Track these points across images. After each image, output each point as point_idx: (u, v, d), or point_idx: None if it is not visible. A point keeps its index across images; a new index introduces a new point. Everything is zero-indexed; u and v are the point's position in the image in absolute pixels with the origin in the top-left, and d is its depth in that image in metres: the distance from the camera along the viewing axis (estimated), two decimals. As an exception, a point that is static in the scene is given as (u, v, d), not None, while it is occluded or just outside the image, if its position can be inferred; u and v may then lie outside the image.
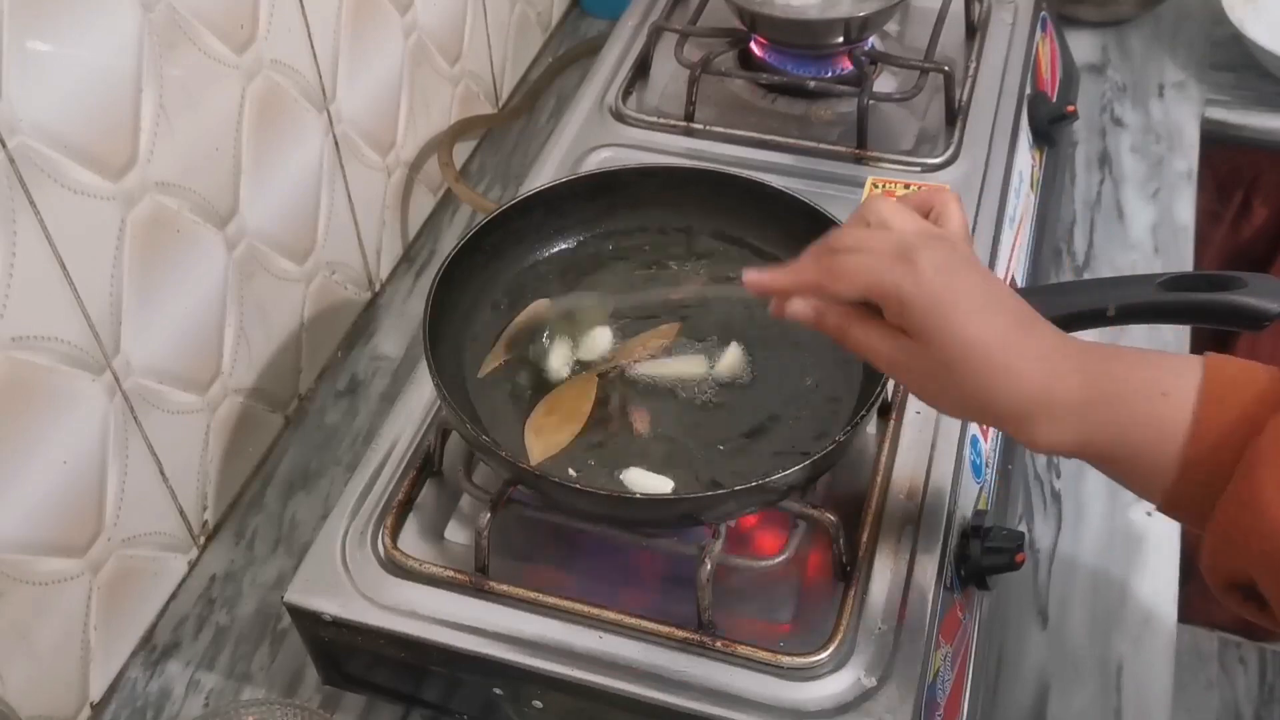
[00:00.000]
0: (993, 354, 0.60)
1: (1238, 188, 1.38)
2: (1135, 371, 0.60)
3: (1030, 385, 0.60)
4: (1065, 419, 0.60)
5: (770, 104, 1.09)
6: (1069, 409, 0.60)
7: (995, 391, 0.60)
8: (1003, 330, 0.61)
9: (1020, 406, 0.60)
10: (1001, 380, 0.60)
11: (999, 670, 0.84)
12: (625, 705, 0.70)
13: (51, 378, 0.73)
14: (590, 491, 0.70)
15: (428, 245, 1.17)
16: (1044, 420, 0.60)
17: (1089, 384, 0.60)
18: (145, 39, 0.75)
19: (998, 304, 0.62)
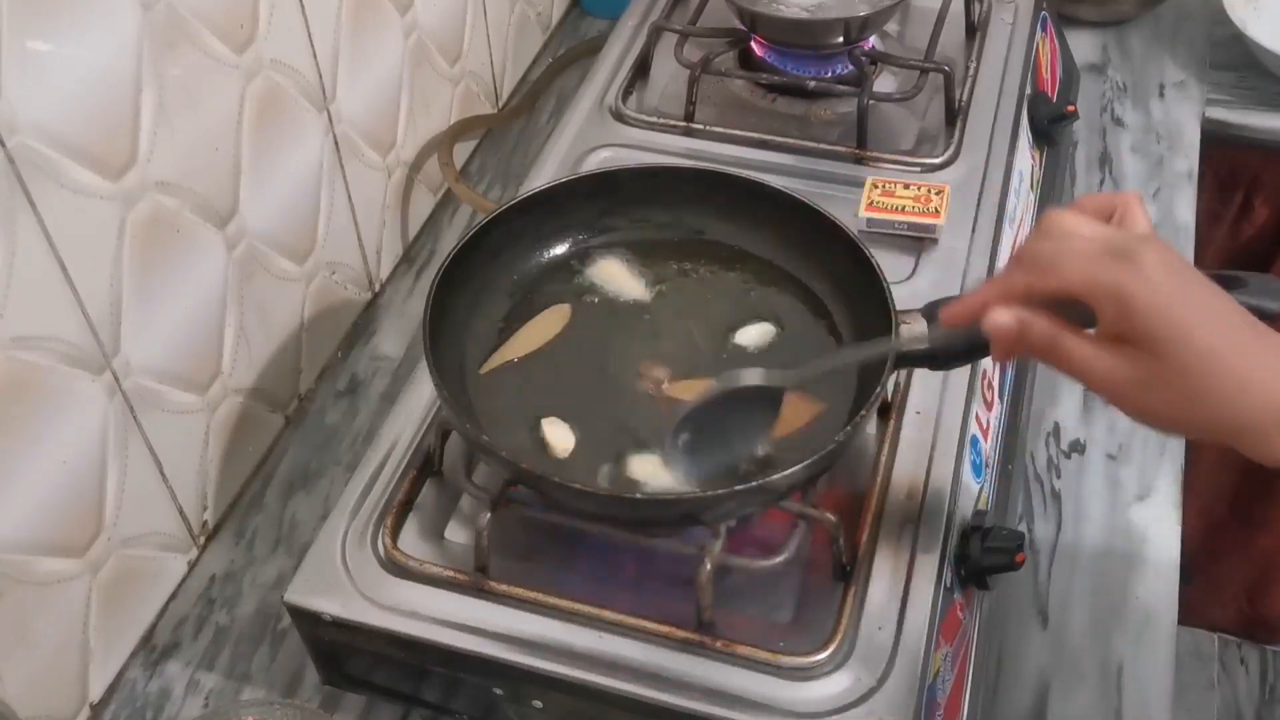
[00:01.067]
0: (1233, 363, 0.56)
1: (1238, 187, 1.38)
2: None
3: (1271, 394, 0.56)
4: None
5: (770, 104, 1.09)
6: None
7: (1234, 404, 0.56)
8: (1238, 336, 0.57)
9: (1263, 419, 0.56)
10: (1241, 390, 0.56)
11: (999, 670, 0.84)
12: (625, 705, 0.70)
13: (51, 378, 0.73)
14: (590, 491, 0.70)
15: (428, 245, 1.17)
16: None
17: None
18: (145, 39, 0.75)
19: (1231, 311, 0.57)
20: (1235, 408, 0.56)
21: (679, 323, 0.85)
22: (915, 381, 0.84)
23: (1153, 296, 0.55)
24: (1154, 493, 0.94)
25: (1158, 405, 0.58)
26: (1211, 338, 0.56)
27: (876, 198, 0.94)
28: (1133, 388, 0.58)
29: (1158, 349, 0.56)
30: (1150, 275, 0.56)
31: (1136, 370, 0.57)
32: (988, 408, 0.87)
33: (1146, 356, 0.56)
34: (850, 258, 0.81)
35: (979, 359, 0.83)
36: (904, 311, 0.75)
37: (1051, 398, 1.00)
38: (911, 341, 0.75)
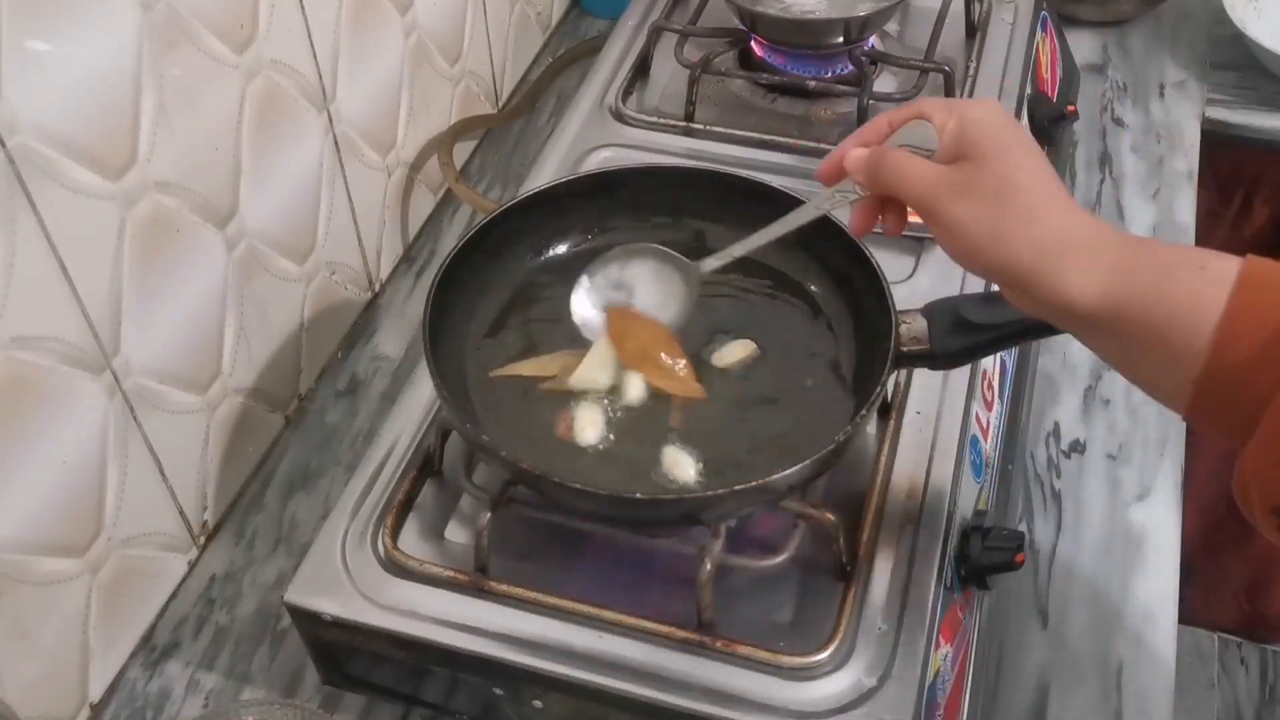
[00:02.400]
0: (1047, 189, 0.61)
1: (1238, 188, 1.38)
2: (1176, 247, 0.61)
3: (1073, 223, 0.60)
4: (1102, 265, 0.58)
5: (770, 104, 1.09)
6: (1107, 255, 0.59)
7: (1037, 223, 0.60)
8: (1057, 182, 0.62)
9: (1059, 242, 0.59)
10: (1047, 212, 0.60)
11: (999, 670, 0.84)
12: (625, 705, 0.70)
13: (51, 378, 0.73)
14: (590, 491, 0.70)
15: (428, 245, 1.17)
16: (1080, 261, 0.59)
17: (1129, 241, 0.60)
18: (145, 39, 0.75)
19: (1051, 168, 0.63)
20: (1043, 228, 0.60)
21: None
22: (915, 381, 0.84)
23: (987, 115, 0.63)
24: (1154, 493, 0.94)
25: (965, 213, 0.62)
26: (1029, 161, 0.62)
27: (876, 198, 0.94)
28: (950, 191, 0.62)
29: (980, 158, 0.62)
30: (989, 107, 0.64)
31: (958, 176, 0.62)
32: (988, 408, 0.87)
33: (970, 165, 0.62)
34: (850, 258, 0.81)
35: (979, 359, 0.83)
36: (904, 311, 0.76)
37: (1051, 398, 1.00)
38: (911, 341, 0.75)
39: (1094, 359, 1.03)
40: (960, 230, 0.62)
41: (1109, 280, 0.58)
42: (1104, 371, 1.02)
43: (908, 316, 0.75)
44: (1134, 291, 0.58)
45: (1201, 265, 0.57)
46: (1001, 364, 0.91)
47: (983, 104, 0.64)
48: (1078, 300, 0.59)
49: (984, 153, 0.62)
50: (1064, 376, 1.02)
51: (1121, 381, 1.00)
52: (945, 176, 0.63)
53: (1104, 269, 0.59)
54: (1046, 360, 1.03)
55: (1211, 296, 0.56)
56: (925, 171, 0.64)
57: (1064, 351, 1.03)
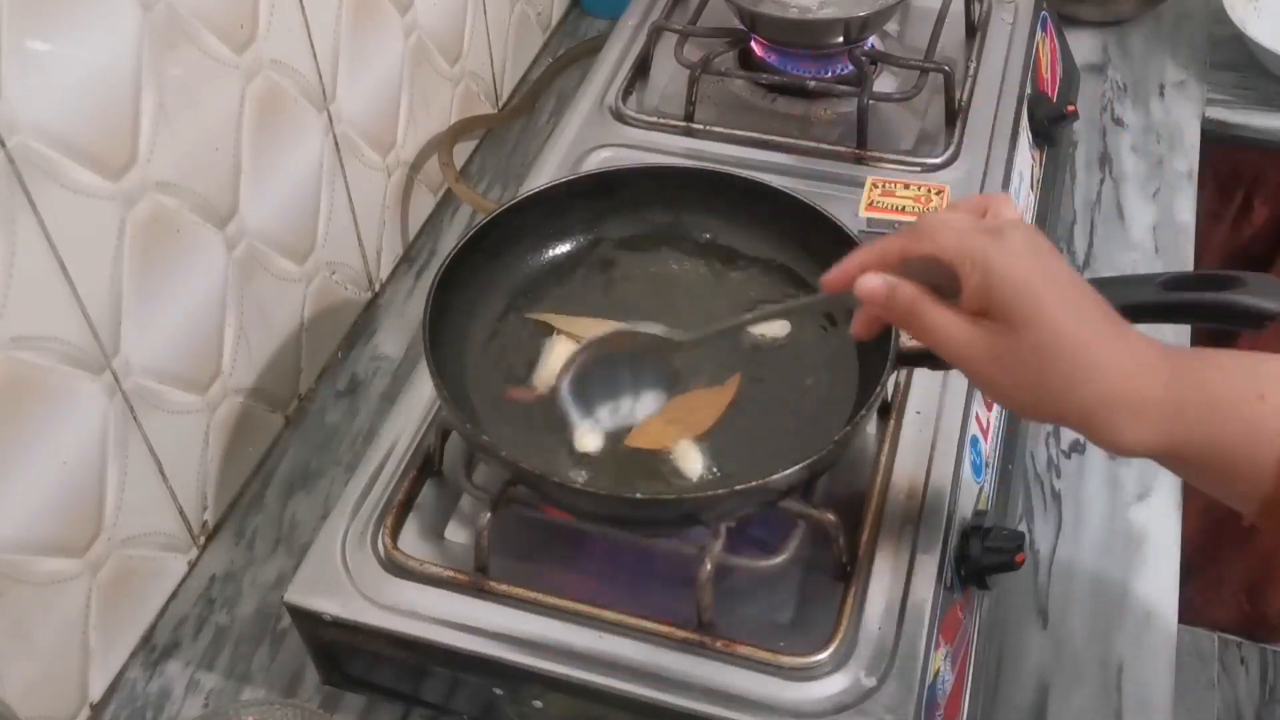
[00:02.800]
0: (1084, 344, 0.57)
1: (1238, 188, 1.38)
2: (1230, 375, 0.58)
3: (1119, 380, 0.58)
4: (1154, 417, 0.57)
5: (770, 104, 1.09)
6: (1159, 406, 0.57)
7: (1082, 385, 0.58)
8: (1093, 322, 0.58)
9: (1107, 402, 0.58)
10: (1090, 373, 0.57)
11: (999, 670, 0.84)
12: (625, 705, 0.70)
13: (51, 378, 0.73)
14: (590, 492, 0.70)
15: (428, 245, 1.17)
16: (1132, 417, 0.58)
17: (1181, 382, 0.58)
18: (145, 39, 0.75)
19: (1089, 296, 0.59)
20: (1089, 388, 0.58)
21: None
22: (915, 381, 0.84)
23: (1014, 269, 0.58)
24: (1154, 493, 0.94)
25: (1008, 381, 0.59)
26: (1066, 319, 0.58)
27: (877, 198, 0.94)
28: (986, 359, 0.59)
29: (1014, 322, 0.58)
30: (1015, 249, 0.58)
31: (991, 342, 0.59)
32: (988, 408, 0.87)
33: (1003, 329, 0.58)
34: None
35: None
36: (904, 311, 0.75)
37: (1051, 398, 1.00)
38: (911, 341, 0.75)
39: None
40: (1002, 392, 0.61)
41: (1162, 430, 0.58)
42: (1104, 371, 1.02)
43: (908, 317, 0.75)
44: (1190, 436, 0.57)
45: (1260, 395, 0.56)
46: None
47: (1008, 247, 0.59)
48: (1135, 451, 0.59)
49: (1019, 317, 0.58)
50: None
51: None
52: (979, 340, 0.59)
53: (1155, 421, 0.58)
54: (1046, 360, 1.03)
55: (1271, 427, 0.55)
56: (956, 331, 0.60)
57: (1064, 351, 1.03)
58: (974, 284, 0.59)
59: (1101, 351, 0.58)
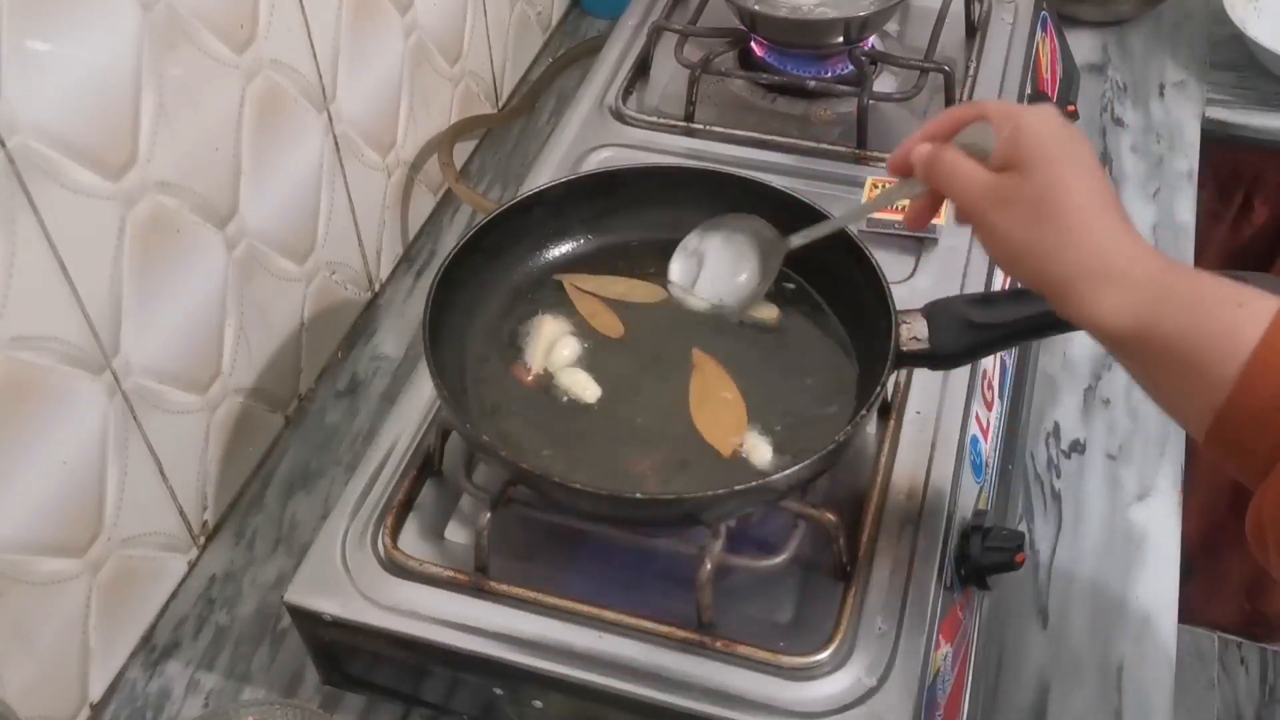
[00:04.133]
0: (1085, 208, 0.60)
1: (1238, 187, 1.38)
2: (1218, 282, 0.59)
3: (1111, 247, 0.60)
4: (1135, 291, 0.59)
5: (770, 104, 1.09)
6: (1142, 282, 0.59)
7: (1077, 243, 0.60)
8: (1100, 197, 0.61)
9: (1094, 265, 0.59)
10: (1087, 233, 0.60)
11: (999, 670, 0.84)
12: (625, 705, 0.70)
13: (51, 378, 0.73)
14: (590, 491, 0.70)
15: (428, 245, 1.17)
16: (1113, 286, 0.59)
17: (1170, 273, 0.59)
18: (145, 39, 0.75)
19: (1103, 181, 0.63)
20: (1083, 247, 0.60)
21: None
22: (915, 381, 0.84)
23: (1043, 127, 0.62)
24: (1154, 493, 0.94)
25: (1005, 224, 0.62)
26: (1074, 181, 0.61)
27: (877, 197, 0.94)
28: (994, 201, 0.63)
29: (1028, 169, 0.61)
30: (1048, 116, 0.63)
31: (1003, 186, 0.62)
32: (988, 408, 0.87)
33: (1017, 176, 0.62)
34: (850, 258, 0.81)
35: (979, 359, 0.83)
36: (904, 311, 0.76)
37: (1051, 398, 1.00)
38: (911, 341, 0.75)
39: (1094, 359, 1.03)
40: (999, 240, 0.63)
41: (1140, 308, 0.58)
42: (1104, 371, 1.02)
43: (908, 316, 0.75)
44: (1163, 321, 0.58)
45: (1240, 302, 0.57)
46: (1001, 364, 0.91)
47: (1041, 111, 0.64)
48: (1108, 324, 0.59)
49: (1032, 164, 0.61)
50: (1064, 376, 1.02)
51: (1122, 381, 1.01)
52: (992, 185, 0.63)
53: (1137, 297, 0.59)
54: (1046, 360, 1.03)
55: (1246, 332, 0.55)
56: (974, 177, 0.64)
57: (1064, 351, 1.03)
58: (1005, 136, 0.63)
59: (1100, 222, 0.61)
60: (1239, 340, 0.55)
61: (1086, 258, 0.60)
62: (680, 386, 0.80)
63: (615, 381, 0.81)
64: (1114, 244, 0.60)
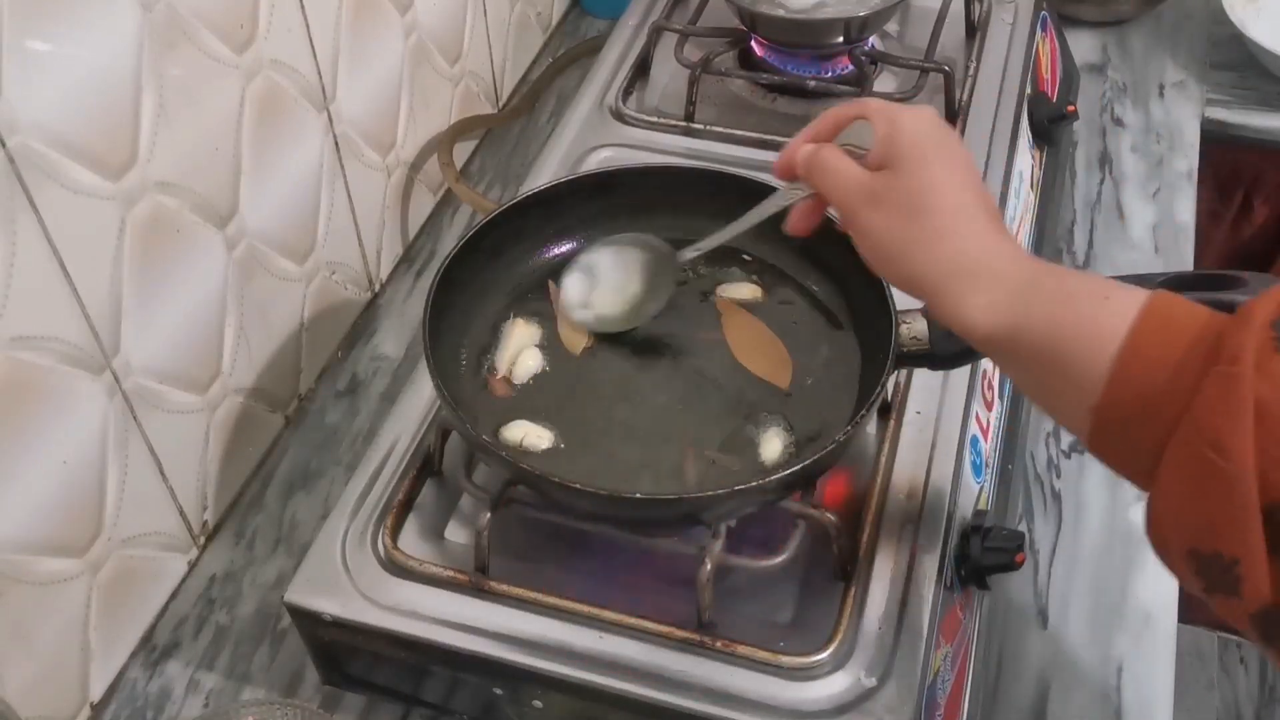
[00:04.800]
0: (961, 207, 0.61)
1: (1238, 187, 1.38)
2: (1083, 276, 0.60)
3: (981, 246, 0.60)
4: (1004, 289, 0.59)
5: (770, 104, 1.09)
6: (1011, 281, 0.59)
7: (945, 242, 0.61)
8: (976, 198, 0.62)
9: (965, 265, 0.60)
10: (957, 233, 0.61)
11: (999, 670, 0.84)
12: (625, 705, 0.70)
13: (51, 378, 0.73)
14: (590, 491, 0.70)
15: (428, 245, 1.17)
16: (983, 285, 0.59)
17: (1037, 268, 0.60)
18: (145, 39, 0.75)
19: (978, 182, 0.63)
20: (950, 247, 0.61)
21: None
22: (915, 381, 0.84)
23: (918, 127, 0.63)
24: (1154, 493, 0.94)
25: (877, 224, 0.63)
26: (946, 181, 0.62)
27: (876, 198, 0.94)
28: (866, 199, 0.64)
29: (900, 168, 0.62)
30: (925, 117, 0.64)
31: (876, 184, 0.63)
32: (988, 408, 0.87)
33: (889, 175, 0.63)
34: (850, 257, 0.80)
35: (979, 359, 0.83)
36: (904, 311, 0.76)
37: (1051, 398, 1.00)
38: (911, 341, 0.75)
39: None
40: (872, 240, 0.64)
41: (1008, 306, 0.59)
42: (1104, 371, 1.02)
43: (908, 316, 0.75)
44: (1031, 319, 0.58)
45: (1106, 295, 0.56)
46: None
47: (916, 112, 0.65)
48: (978, 324, 0.60)
49: (905, 163, 0.62)
50: (1064, 376, 1.02)
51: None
52: (866, 184, 0.64)
53: (1005, 295, 0.59)
54: (1046, 360, 1.03)
55: (1112, 327, 0.54)
56: (849, 174, 0.65)
57: (1064, 351, 1.03)
58: (880, 135, 0.64)
59: (971, 223, 0.61)
60: (1106, 336, 0.54)
61: (956, 257, 0.60)
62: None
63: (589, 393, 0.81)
64: (984, 244, 0.61)
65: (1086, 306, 0.56)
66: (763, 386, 0.80)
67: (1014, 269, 0.60)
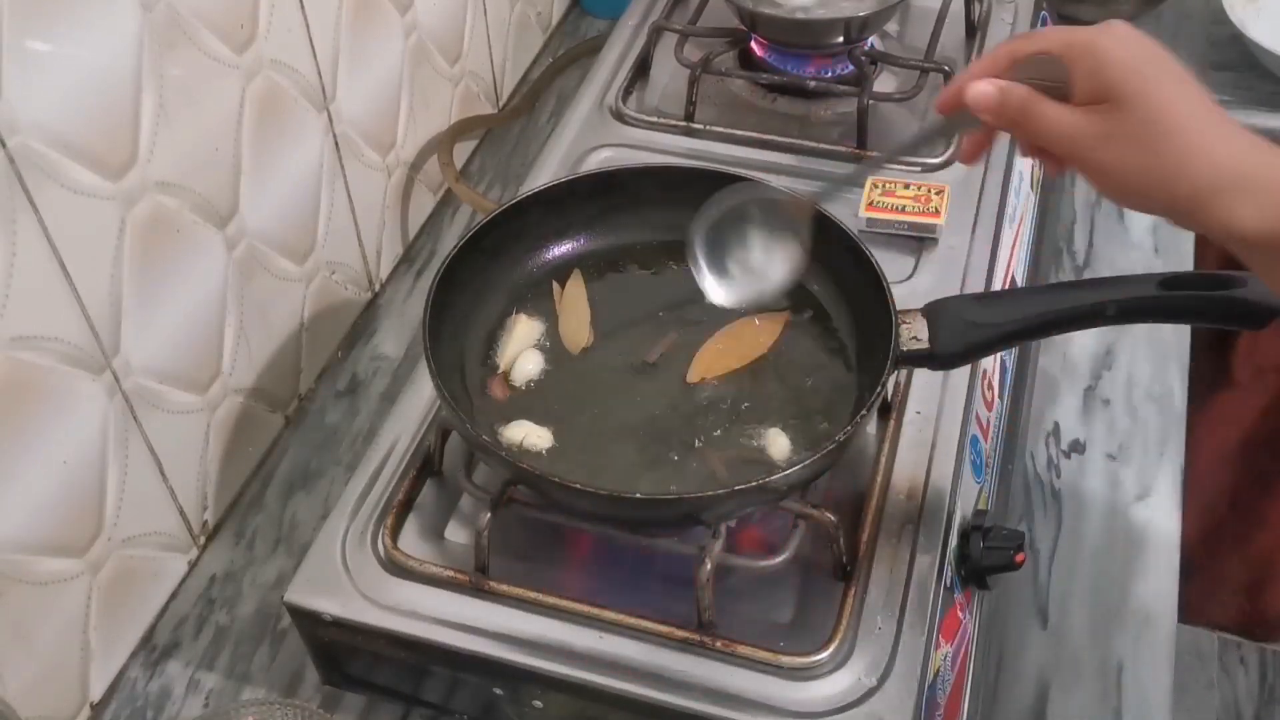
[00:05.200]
0: (1195, 120, 0.58)
1: (1238, 187, 1.38)
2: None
3: (1232, 154, 0.58)
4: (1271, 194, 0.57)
5: (770, 104, 1.09)
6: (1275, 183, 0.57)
7: (1195, 160, 0.57)
8: (1202, 105, 0.59)
9: (1222, 178, 0.57)
10: (1208, 147, 0.58)
11: (999, 670, 0.84)
12: (625, 705, 0.70)
13: (51, 378, 0.73)
14: (590, 491, 0.70)
15: (428, 245, 1.17)
16: (1249, 193, 0.57)
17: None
18: (145, 39, 0.75)
19: (1195, 85, 0.60)
20: (1204, 163, 0.58)
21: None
22: (915, 381, 0.84)
23: (1123, 51, 0.59)
24: (1154, 493, 0.94)
25: (1119, 163, 0.59)
26: (1175, 96, 0.58)
27: (877, 197, 0.94)
28: (1096, 141, 0.60)
29: (1124, 100, 0.58)
30: (1121, 34, 0.60)
31: (1101, 123, 0.59)
32: (988, 408, 0.87)
33: (1113, 110, 0.59)
34: (850, 258, 0.81)
35: (979, 359, 0.83)
36: (904, 311, 0.76)
37: (1051, 398, 1.00)
38: (911, 341, 0.75)
39: (1094, 358, 1.03)
40: (1114, 177, 0.60)
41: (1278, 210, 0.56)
42: (1104, 371, 1.02)
43: (908, 316, 0.75)
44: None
45: None
46: (1001, 364, 0.91)
47: (1115, 34, 0.60)
48: (1250, 233, 0.57)
49: (1127, 94, 0.59)
50: (1064, 376, 1.02)
51: (1122, 381, 1.01)
52: (1090, 125, 0.60)
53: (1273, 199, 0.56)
54: (1046, 360, 1.03)
55: None
56: (1065, 119, 0.61)
57: (1064, 352, 1.04)
58: (1083, 70, 0.60)
59: (1211, 131, 0.58)
60: None
61: (1213, 170, 0.58)
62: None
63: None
64: (1239, 152, 0.58)
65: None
66: (763, 386, 0.80)
67: (1270, 169, 0.57)
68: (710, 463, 0.76)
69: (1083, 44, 0.60)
